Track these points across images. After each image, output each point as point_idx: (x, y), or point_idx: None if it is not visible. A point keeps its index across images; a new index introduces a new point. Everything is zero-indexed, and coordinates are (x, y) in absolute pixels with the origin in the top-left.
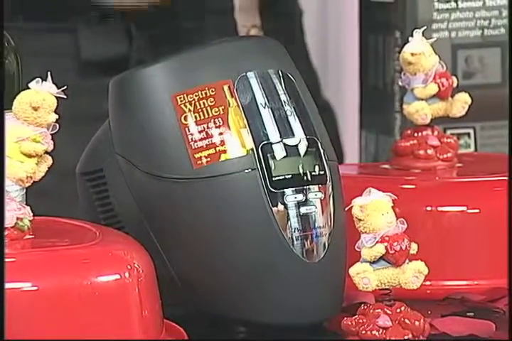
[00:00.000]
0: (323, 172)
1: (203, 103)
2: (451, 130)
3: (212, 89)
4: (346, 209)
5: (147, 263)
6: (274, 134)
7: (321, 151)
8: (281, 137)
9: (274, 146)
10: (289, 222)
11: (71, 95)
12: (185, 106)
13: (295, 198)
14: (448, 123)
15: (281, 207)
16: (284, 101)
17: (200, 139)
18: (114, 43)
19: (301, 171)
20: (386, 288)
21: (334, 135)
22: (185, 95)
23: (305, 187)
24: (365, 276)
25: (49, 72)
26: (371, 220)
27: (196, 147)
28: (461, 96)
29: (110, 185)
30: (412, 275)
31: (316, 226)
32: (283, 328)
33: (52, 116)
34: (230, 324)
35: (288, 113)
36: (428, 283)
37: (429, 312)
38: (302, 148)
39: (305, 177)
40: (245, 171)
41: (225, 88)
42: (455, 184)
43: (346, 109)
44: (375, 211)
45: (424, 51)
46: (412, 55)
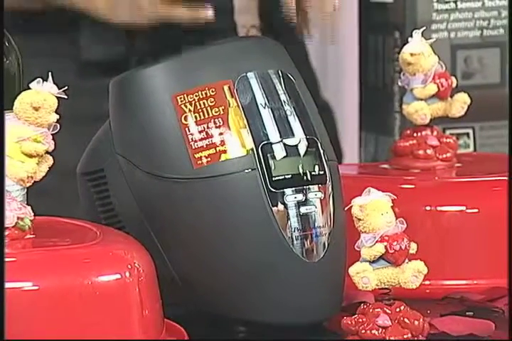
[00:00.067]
0: (323, 172)
1: (203, 103)
2: (451, 130)
3: (213, 90)
4: (346, 209)
5: (148, 263)
6: (274, 134)
7: (321, 151)
8: (281, 137)
9: (274, 146)
10: (288, 222)
11: (72, 95)
12: (186, 107)
13: (295, 198)
14: (447, 124)
15: (281, 206)
16: (283, 101)
17: (201, 139)
18: (114, 43)
19: (301, 171)
20: (385, 287)
21: (334, 135)
22: (185, 95)
23: (305, 187)
24: (365, 276)
25: (50, 73)
26: (371, 220)
27: (196, 147)
28: (461, 96)
29: (111, 185)
30: (411, 274)
31: (315, 226)
32: (283, 328)
33: (53, 117)
34: (230, 323)
35: (288, 113)
36: (427, 282)
37: (429, 312)
38: (302, 148)
39: (305, 177)
40: (245, 171)
41: (225, 88)
42: (454, 184)
43: (346, 109)
44: (375, 211)
45: (423, 51)
46: (411, 55)
